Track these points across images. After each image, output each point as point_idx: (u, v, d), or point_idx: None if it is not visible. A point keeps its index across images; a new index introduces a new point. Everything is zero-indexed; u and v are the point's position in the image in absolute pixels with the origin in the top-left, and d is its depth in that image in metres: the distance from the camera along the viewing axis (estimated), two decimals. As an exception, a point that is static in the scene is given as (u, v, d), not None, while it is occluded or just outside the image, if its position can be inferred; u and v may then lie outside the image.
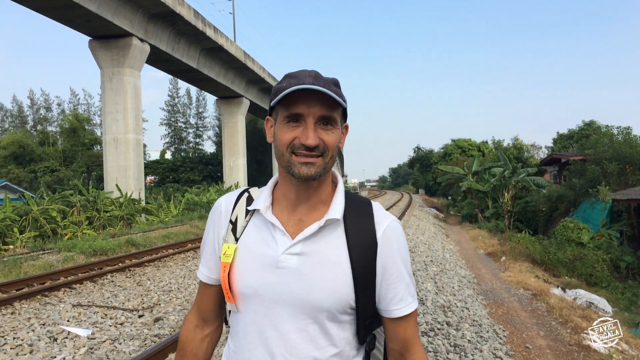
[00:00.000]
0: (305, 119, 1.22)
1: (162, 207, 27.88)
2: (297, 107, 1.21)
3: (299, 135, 1.22)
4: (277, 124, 1.27)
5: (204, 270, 1.42)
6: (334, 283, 1.24)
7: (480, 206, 28.97)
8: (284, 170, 1.28)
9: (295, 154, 1.23)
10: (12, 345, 5.85)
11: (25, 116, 69.12)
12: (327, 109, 1.22)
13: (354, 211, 1.31)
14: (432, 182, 53.29)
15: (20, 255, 12.35)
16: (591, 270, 14.87)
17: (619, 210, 19.13)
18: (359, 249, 1.27)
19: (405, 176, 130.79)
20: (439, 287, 9.66)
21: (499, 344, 6.56)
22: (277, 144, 1.26)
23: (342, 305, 1.25)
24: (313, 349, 1.25)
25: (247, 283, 1.28)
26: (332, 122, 1.24)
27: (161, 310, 7.57)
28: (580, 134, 39.75)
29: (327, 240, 1.27)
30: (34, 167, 49.53)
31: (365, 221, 1.30)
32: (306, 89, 1.19)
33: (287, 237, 1.27)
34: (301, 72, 1.25)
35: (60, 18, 22.31)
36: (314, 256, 1.26)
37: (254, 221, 1.33)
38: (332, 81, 1.25)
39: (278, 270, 1.25)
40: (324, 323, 1.25)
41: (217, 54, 32.42)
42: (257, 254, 1.28)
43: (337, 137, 1.26)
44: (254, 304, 1.28)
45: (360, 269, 1.26)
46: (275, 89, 1.25)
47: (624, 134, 26.37)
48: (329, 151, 1.24)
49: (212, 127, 72.33)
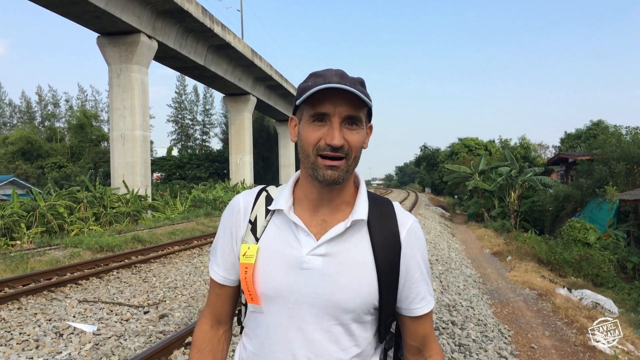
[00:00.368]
0: (331, 119, 1.20)
1: (168, 204, 27.95)
2: (322, 106, 1.20)
3: (324, 135, 1.21)
4: (301, 123, 1.26)
5: (219, 270, 1.39)
6: (360, 284, 1.25)
7: (486, 205, 28.88)
8: (308, 172, 1.27)
9: (321, 156, 1.21)
10: (18, 340, 5.89)
11: (34, 112, 69.59)
12: (353, 109, 1.21)
13: (377, 212, 1.31)
14: (439, 181, 53.19)
15: (27, 251, 12.42)
16: (597, 271, 14.80)
17: (626, 210, 19.04)
18: (383, 249, 1.27)
19: (411, 175, 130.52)
20: (444, 286, 9.64)
21: (503, 344, 6.54)
22: (303, 144, 1.24)
23: (367, 305, 1.26)
24: (337, 350, 1.25)
25: (270, 284, 1.26)
26: (358, 122, 1.23)
27: (166, 306, 7.60)
28: (588, 134, 39.55)
29: (352, 241, 1.27)
30: (42, 163, 49.82)
31: (389, 221, 1.31)
32: (332, 88, 1.18)
33: (312, 237, 1.26)
34: (327, 70, 1.24)
35: (69, 14, 22.40)
36: (339, 257, 1.25)
37: (274, 221, 1.31)
38: (358, 80, 1.24)
39: (302, 272, 1.24)
40: (348, 324, 1.26)
41: (225, 51, 32.47)
42: (280, 255, 1.27)
43: (361, 137, 1.25)
44: (277, 305, 1.26)
45: (385, 269, 1.26)
46: (301, 88, 1.24)
47: (632, 134, 26.19)
48: (352, 152, 1.23)
49: (218, 124, 72.61)
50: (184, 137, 72.54)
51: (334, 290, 1.24)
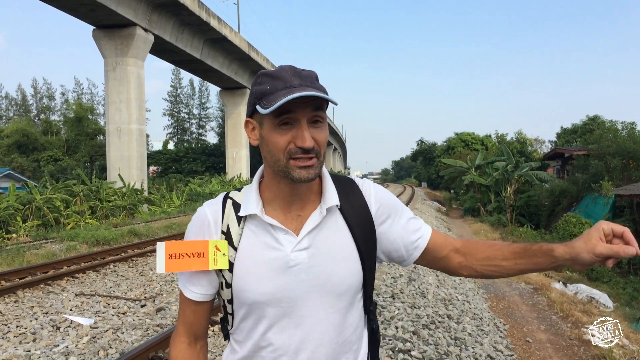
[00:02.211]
0: (299, 120, 1.18)
1: (164, 198, 27.94)
2: (288, 111, 1.17)
3: (293, 138, 1.19)
4: (264, 127, 1.23)
5: (195, 289, 1.33)
6: (347, 264, 1.28)
7: (482, 200, 28.97)
8: (277, 174, 1.25)
9: (292, 159, 1.20)
10: (15, 333, 5.89)
11: (29, 105, 69.20)
12: (318, 109, 1.21)
13: (344, 193, 1.33)
14: (435, 176, 53.27)
15: (23, 244, 12.40)
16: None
17: (621, 205, 19.11)
18: (359, 227, 1.31)
19: (408, 169, 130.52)
20: (440, 280, 9.68)
21: (499, 338, 6.58)
22: (271, 149, 1.22)
23: (357, 283, 1.30)
24: (336, 335, 1.28)
25: (261, 290, 1.25)
26: (322, 119, 1.23)
27: (163, 300, 7.60)
28: (584, 129, 39.60)
29: (329, 228, 1.29)
30: (38, 156, 49.63)
31: (356, 198, 1.34)
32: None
33: (291, 234, 1.26)
34: (282, 71, 1.21)
35: (65, 7, 22.30)
36: (321, 246, 1.27)
37: (249, 227, 1.29)
38: (315, 76, 1.24)
39: (290, 270, 1.25)
40: (342, 308, 1.28)
41: (221, 45, 32.35)
42: (264, 259, 1.26)
43: (326, 132, 1.24)
44: (271, 308, 1.26)
45: (364, 244, 1.30)
46: (259, 93, 1.20)
47: (628, 129, 26.30)
48: (321, 149, 1.23)
49: (215, 118, 72.44)
50: (180, 131, 72.37)
51: (325, 279, 1.26)
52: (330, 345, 1.27)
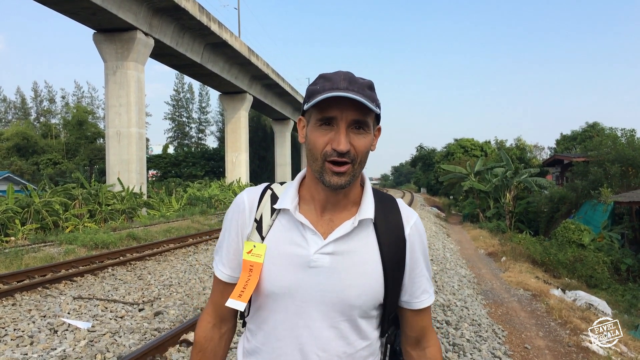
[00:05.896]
0: (338, 123, 1.21)
1: (163, 202, 27.92)
2: (329, 110, 1.21)
3: (331, 139, 1.22)
4: (309, 125, 1.27)
5: (224, 269, 1.39)
6: (367, 281, 1.28)
7: (481, 206, 28.96)
8: (314, 175, 1.28)
9: (327, 162, 1.22)
10: (12, 336, 5.87)
11: (29, 108, 69.23)
12: (360, 114, 1.21)
13: (382, 209, 1.34)
14: (434, 181, 53.23)
15: (22, 247, 12.38)
16: (591, 272, 14.87)
17: (620, 212, 19.12)
18: (389, 246, 1.30)
19: (407, 175, 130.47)
20: (439, 286, 9.67)
21: (497, 344, 6.56)
22: (311, 147, 1.25)
23: (374, 302, 1.30)
24: (344, 345, 1.28)
25: (278, 283, 1.28)
26: (365, 127, 1.24)
27: (161, 304, 7.59)
28: (584, 136, 39.69)
29: (358, 239, 1.29)
30: (37, 159, 49.62)
31: (394, 219, 1.34)
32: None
33: (319, 236, 1.28)
34: (336, 74, 1.24)
35: (66, 11, 22.34)
36: (346, 255, 1.28)
37: (280, 220, 1.32)
38: (367, 85, 1.25)
39: (310, 270, 1.26)
40: (355, 320, 1.29)
41: (222, 49, 32.42)
42: (288, 254, 1.28)
43: (368, 141, 1.26)
44: (284, 302, 1.28)
45: (391, 265, 1.30)
46: (310, 91, 1.25)
47: (628, 136, 26.31)
48: (358, 157, 1.24)
49: (215, 122, 72.54)
50: (180, 135, 72.38)
51: (341, 288, 1.26)
52: (336, 354, 1.28)
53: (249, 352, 1.38)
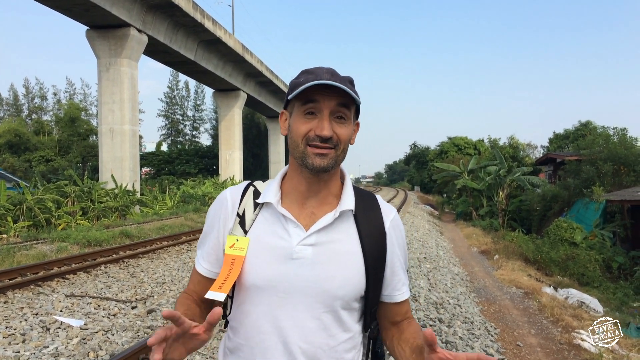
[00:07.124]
0: (322, 111, 1.26)
1: (157, 199, 27.83)
2: (313, 100, 1.26)
3: (314, 127, 1.26)
4: (292, 116, 1.32)
5: (205, 264, 1.42)
6: (349, 272, 1.30)
7: (475, 204, 29.06)
8: (296, 162, 1.32)
9: (309, 145, 1.27)
10: (4, 334, 5.85)
11: (21, 105, 68.74)
12: (342, 104, 1.27)
13: (362, 203, 1.38)
14: (428, 180, 53.33)
15: (14, 245, 12.31)
16: (583, 270, 14.94)
17: (612, 211, 19.21)
18: (370, 239, 1.33)
19: (401, 173, 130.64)
20: (432, 284, 9.70)
21: (490, 342, 6.60)
22: (292, 135, 1.30)
23: (355, 293, 1.31)
24: (326, 337, 1.29)
25: (261, 275, 1.29)
26: (346, 117, 1.29)
27: (154, 302, 7.58)
28: (576, 134, 39.80)
29: (340, 231, 1.33)
30: (29, 157, 49.26)
31: (374, 213, 1.38)
32: (323, 85, 1.24)
33: (301, 228, 1.31)
34: (318, 68, 1.31)
35: (59, 7, 22.22)
36: (328, 247, 1.30)
37: (263, 214, 1.35)
38: (348, 79, 1.31)
39: (292, 262, 1.28)
40: (337, 311, 1.30)
41: (215, 47, 32.33)
42: (270, 246, 1.31)
43: (349, 131, 1.32)
44: (267, 295, 1.30)
45: (372, 258, 1.32)
46: (292, 84, 1.30)
47: (620, 135, 26.43)
48: (341, 144, 1.29)
49: (209, 120, 72.18)
50: (174, 132, 72.05)
51: (324, 279, 1.28)
52: (319, 346, 1.29)
53: (230, 350, 1.38)
